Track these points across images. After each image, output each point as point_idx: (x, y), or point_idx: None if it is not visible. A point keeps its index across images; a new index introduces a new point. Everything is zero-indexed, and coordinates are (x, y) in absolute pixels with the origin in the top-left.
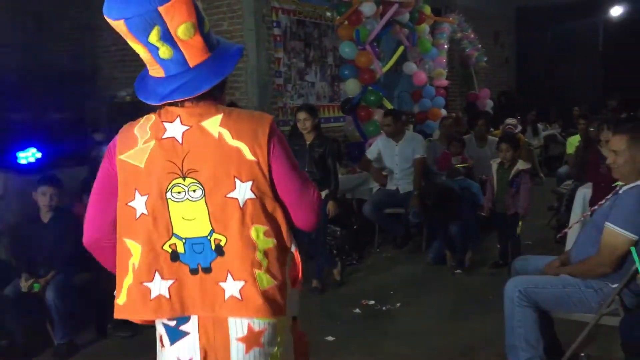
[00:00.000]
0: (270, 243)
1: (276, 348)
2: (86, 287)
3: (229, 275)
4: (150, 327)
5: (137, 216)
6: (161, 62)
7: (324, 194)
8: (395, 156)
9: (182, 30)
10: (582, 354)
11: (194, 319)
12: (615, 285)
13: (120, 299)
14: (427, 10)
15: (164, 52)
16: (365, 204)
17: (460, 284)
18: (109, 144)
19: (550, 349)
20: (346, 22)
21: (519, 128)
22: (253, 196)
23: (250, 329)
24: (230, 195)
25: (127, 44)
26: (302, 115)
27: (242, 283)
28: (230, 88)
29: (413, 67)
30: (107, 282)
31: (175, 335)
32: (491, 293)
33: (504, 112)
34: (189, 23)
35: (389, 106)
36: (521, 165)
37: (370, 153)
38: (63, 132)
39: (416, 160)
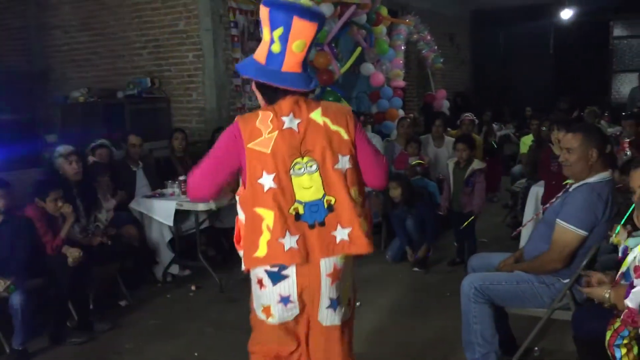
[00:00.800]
0: (361, 197)
1: (348, 283)
2: (38, 292)
3: (339, 225)
4: (106, 332)
5: (266, 190)
6: (269, 52)
7: None
8: None
9: (296, 45)
10: (536, 348)
11: (292, 266)
12: (566, 281)
13: (260, 251)
14: (384, 11)
15: (275, 47)
16: None
17: (418, 281)
18: (232, 131)
19: (505, 344)
20: None
21: (477, 121)
22: (350, 166)
23: (335, 267)
24: (336, 167)
25: (80, 43)
26: None
27: (349, 229)
28: (186, 89)
29: (371, 68)
30: (59, 287)
31: (277, 278)
32: (448, 290)
33: (461, 112)
34: (303, 41)
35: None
36: (476, 164)
37: None
38: (13, 133)
39: None
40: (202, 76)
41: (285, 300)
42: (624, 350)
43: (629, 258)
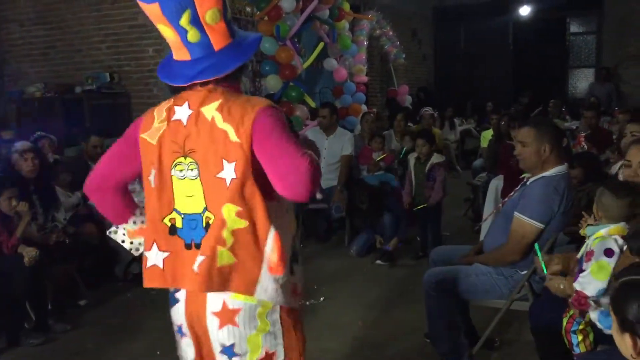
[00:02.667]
0: (242, 224)
1: (255, 332)
2: None
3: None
4: (65, 333)
5: (152, 188)
6: (188, 45)
7: None
8: (323, 149)
9: (209, 16)
10: (496, 339)
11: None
12: (524, 272)
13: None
14: (347, 7)
15: (192, 35)
16: None
17: (382, 276)
18: (138, 118)
19: (466, 335)
20: (266, 18)
21: (437, 115)
22: (235, 176)
23: (224, 305)
24: (219, 175)
25: (36, 37)
26: None
27: (202, 258)
28: (146, 84)
29: (333, 63)
30: (15, 287)
31: (172, 300)
32: (412, 283)
33: (424, 107)
34: (215, 9)
35: (310, 102)
36: (435, 158)
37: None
38: None
39: (344, 157)
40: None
41: (179, 330)
42: (580, 337)
43: (586, 246)
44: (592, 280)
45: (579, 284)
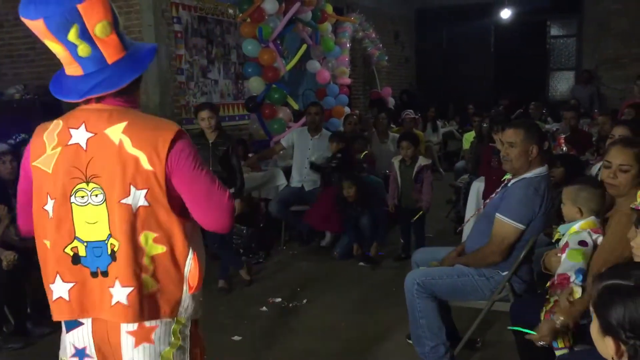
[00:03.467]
0: (160, 249)
1: (168, 348)
2: None
3: (117, 282)
4: (45, 336)
5: (50, 218)
6: (80, 60)
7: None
8: (307, 150)
9: (99, 29)
10: (478, 339)
11: None
12: (505, 273)
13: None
14: (329, 9)
15: (83, 49)
16: (271, 202)
17: (365, 277)
18: (26, 148)
19: (448, 336)
20: (248, 20)
21: (419, 117)
22: (146, 204)
23: (140, 323)
24: (124, 201)
25: (16, 38)
26: (205, 114)
27: (130, 289)
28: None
29: (316, 65)
30: None
31: (70, 324)
32: (395, 285)
33: (406, 109)
34: (105, 22)
35: (294, 104)
36: (423, 161)
37: (286, 140)
38: None
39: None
40: (144, 73)
41: (80, 354)
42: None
43: (561, 242)
44: (569, 262)
45: (562, 267)
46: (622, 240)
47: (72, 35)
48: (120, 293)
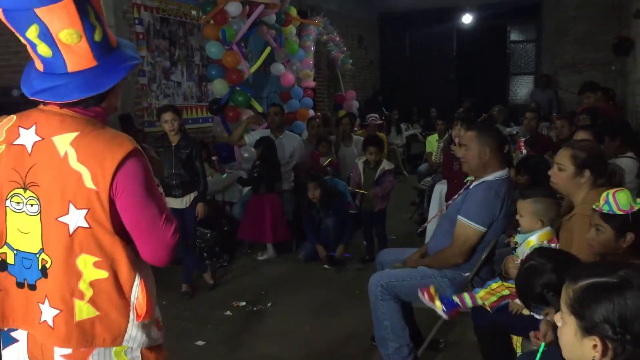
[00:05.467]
0: (101, 274)
1: None
2: None
3: (47, 300)
4: None
5: None
6: (40, 57)
7: (192, 195)
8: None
9: (64, 35)
10: (441, 340)
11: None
12: (467, 274)
13: None
14: (293, 12)
15: (43, 49)
16: (235, 205)
17: (329, 280)
18: None
19: (411, 337)
20: (212, 22)
21: (382, 121)
22: (86, 225)
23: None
24: (61, 219)
25: None
26: (168, 116)
27: (56, 311)
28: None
29: (281, 68)
30: None
31: (7, 340)
32: (359, 288)
33: (370, 113)
34: (72, 30)
35: (258, 107)
36: (386, 165)
37: (249, 138)
38: None
39: (298, 164)
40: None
41: None
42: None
43: (519, 251)
44: None
45: None
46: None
47: (32, 33)
48: (48, 313)
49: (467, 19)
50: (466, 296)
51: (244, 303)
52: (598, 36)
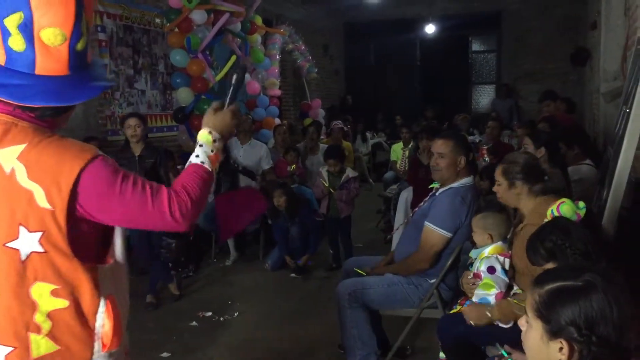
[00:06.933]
0: (60, 304)
1: None
2: None
3: None
4: None
5: None
6: (7, 49)
7: None
8: (239, 157)
9: (48, 34)
10: (408, 347)
11: None
12: (432, 281)
13: None
14: (259, 20)
15: (16, 42)
16: (200, 215)
17: (296, 288)
18: None
19: (379, 345)
20: (176, 30)
21: (346, 128)
22: (41, 249)
23: None
24: (10, 244)
25: None
26: (133, 121)
27: (9, 349)
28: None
29: (246, 77)
30: None
31: None
32: (326, 296)
33: (341, 116)
34: (58, 30)
35: None
36: (350, 172)
37: None
38: None
39: (265, 171)
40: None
41: None
42: None
43: (474, 266)
44: (481, 291)
45: (476, 296)
46: None
47: (12, 21)
48: (0, 351)
49: (430, 29)
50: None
51: (210, 313)
52: (556, 47)
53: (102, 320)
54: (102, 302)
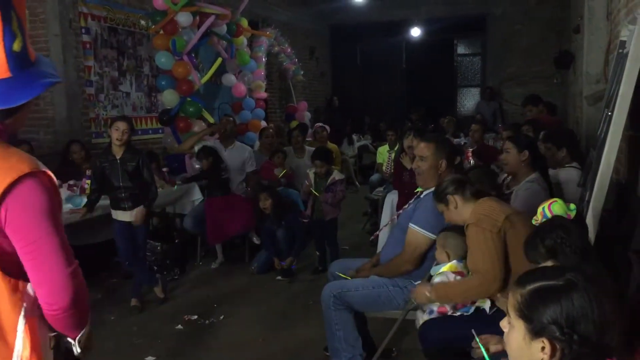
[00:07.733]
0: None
1: None
2: None
3: None
4: None
5: None
6: (8, 54)
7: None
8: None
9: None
10: (394, 349)
11: None
12: (417, 282)
13: None
14: (244, 23)
15: (18, 44)
16: (186, 217)
17: (283, 291)
18: None
19: (364, 347)
20: (162, 32)
21: (328, 129)
22: None
23: None
24: None
25: None
26: (122, 125)
27: None
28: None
29: (232, 79)
30: None
31: None
32: (312, 298)
33: (327, 118)
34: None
35: (209, 118)
36: (337, 175)
37: (198, 146)
38: None
39: (249, 174)
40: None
41: None
42: None
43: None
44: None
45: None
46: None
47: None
48: None
49: (415, 32)
50: None
51: (195, 316)
52: (540, 50)
53: (22, 344)
54: (21, 320)
